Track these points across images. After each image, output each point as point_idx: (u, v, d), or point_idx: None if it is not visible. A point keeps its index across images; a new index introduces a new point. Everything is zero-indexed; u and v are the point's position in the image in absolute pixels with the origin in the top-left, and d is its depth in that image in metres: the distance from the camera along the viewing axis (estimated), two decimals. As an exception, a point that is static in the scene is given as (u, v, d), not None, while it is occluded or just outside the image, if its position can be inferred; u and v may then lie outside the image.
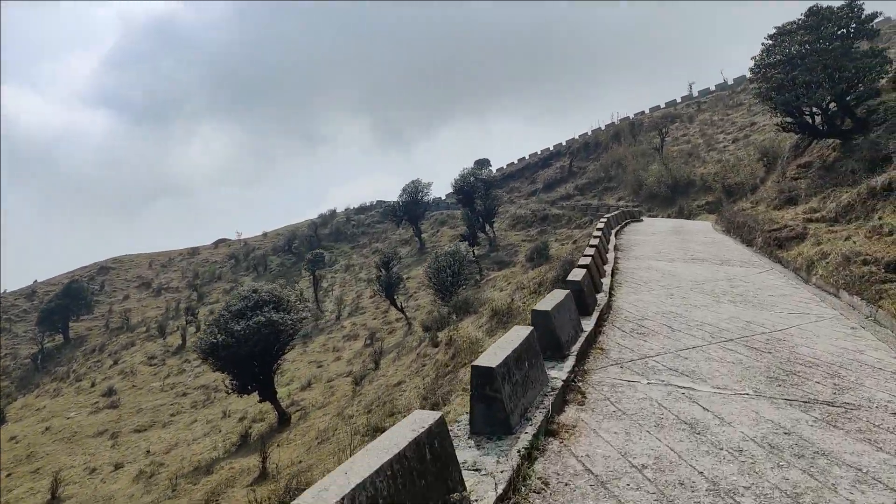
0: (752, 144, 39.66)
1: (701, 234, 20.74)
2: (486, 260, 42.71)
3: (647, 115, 56.68)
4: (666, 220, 32.55)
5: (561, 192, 56.31)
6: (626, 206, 45.95)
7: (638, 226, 25.32)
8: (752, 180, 31.08)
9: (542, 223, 45.81)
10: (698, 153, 43.91)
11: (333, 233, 75.12)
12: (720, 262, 14.29)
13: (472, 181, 43.84)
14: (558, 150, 65.08)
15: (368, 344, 34.84)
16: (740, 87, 51.88)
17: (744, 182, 33.08)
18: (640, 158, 48.38)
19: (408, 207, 54.08)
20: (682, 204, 38.96)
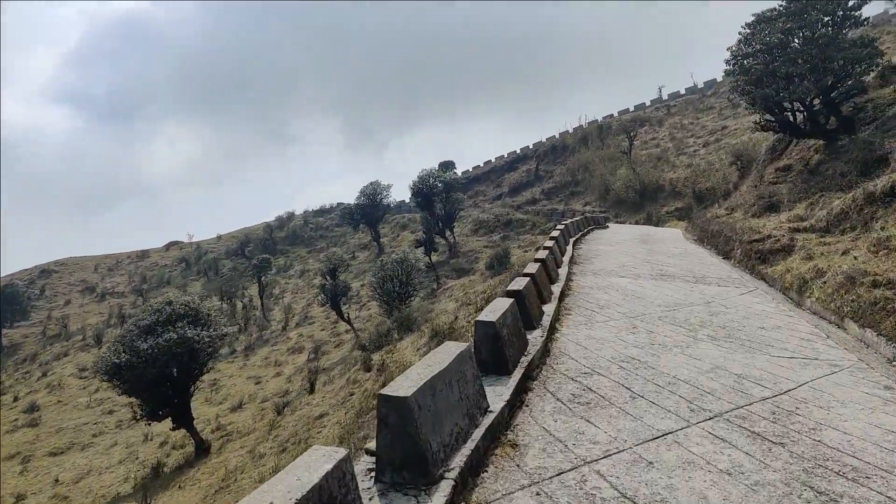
0: (723, 148, 37.88)
1: (671, 243, 18.42)
2: (444, 267, 40.10)
3: (616, 119, 54.88)
4: (633, 227, 30.37)
5: (527, 196, 54.13)
6: (593, 211, 43.85)
7: (602, 233, 22.95)
8: (725, 185, 29.10)
9: (505, 228, 43.39)
10: (668, 157, 42.04)
11: (290, 236, 71.68)
12: (694, 280, 11.85)
13: (432, 183, 41.21)
14: (525, 154, 62.96)
15: (312, 358, 31.93)
16: (710, 91, 50.37)
17: (715, 187, 31.15)
18: (608, 162, 46.44)
19: (365, 210, 51.22)
20: (651, 210, 36.93)
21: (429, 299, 34.48)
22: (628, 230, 26.04)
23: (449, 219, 41.32)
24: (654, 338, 7.46)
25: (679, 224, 32.87)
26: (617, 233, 23.52)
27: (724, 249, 15.33)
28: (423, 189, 40.88)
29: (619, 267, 13.40)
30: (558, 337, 7.28)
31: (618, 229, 26.88)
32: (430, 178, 41.09)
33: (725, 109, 45.20)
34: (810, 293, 10.23)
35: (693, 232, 21.37)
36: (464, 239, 44.06)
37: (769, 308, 9.56)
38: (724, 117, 43.89)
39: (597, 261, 14.20)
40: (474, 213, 48.90)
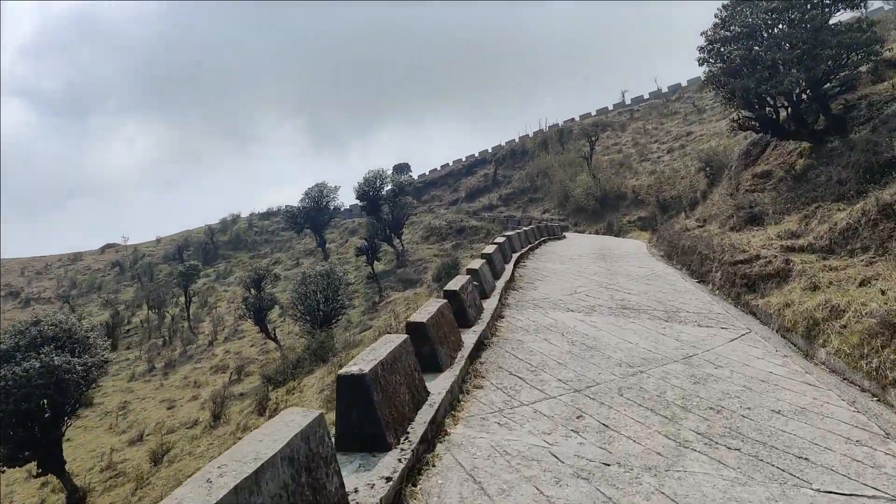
0: (688, 155, 35.60)
1: (634, 259, 15.54)
2: (390, 277, 36.75)
3: (577, 123, 52.52)
4: (593, 238, 27.61)
5: (484, 202, 51.27)
6: (552, 219, 41.16)
7: (556, 246, 20.02)
8: (692, 194, 26.56)
9: (458, 236, 40.34)
10: (630, 164, 39.63)
11: (233, 240, 67.20)
12: (666, 316, 8.84)
13: (378, 185, 37.85)
14: (484, 157, 60.17)
15: (235, 380, 28.17)
16: (675, 96, 48.39)
17: (681, 196, 28.62)
18: (568, 168, 43.88)
19: (310, 214, 47.49)
20: (612, 219, 34.35)
21: (368, 314, 31.08)
22: (587, 242, 23.20)
23: (397, 225, 38.03)
24: (611, 443, 4.33)
25: (642, 235, 30.31)
26: (573, 245, 20.62)
27: (700, 271, 12.45)
28: (369, 192, 37.50)
29: (570, 294, 10.32)
30: (449, 446, 4.08)
31: (575, 240, 24.07)
32: (376, 179, 37.72)
33: (691, 114, 43.14)
34: (825, 340, 7.29)
35: (660, 246, 18.59)
36: (413, 246, 40.82)
37: (776, 368, 6.56)
38: (690, 122, 41.79)
39: (542, 285, 11.11)
40: (427, 219, 45.72)
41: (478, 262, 9.44)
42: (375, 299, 32.52)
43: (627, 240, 28.09)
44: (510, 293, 9.97)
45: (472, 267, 9.06)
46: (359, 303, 34.82)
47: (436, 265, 34.96)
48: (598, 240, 25.73)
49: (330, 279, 21.30)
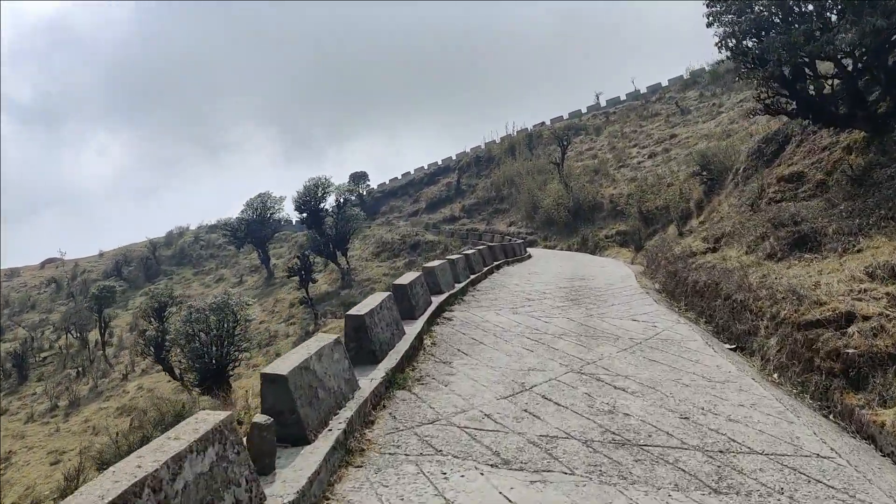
0: (673, 159, 31.19)
1: (622, 299, 10.63)
2: (333, 300, 31.53)
3: (548, 127, 48.09)
4: (563, 258, 22.78)
5: (445, 213, 46.41)
6: (519, 232, 36.39)
7: (514, 272, 15.11)
8: (684, 204, 21.97)
9: (412, 252, 35.29)
10: (607, 170, 35.12)
11: (177, 255, 61.21)
12: (715, 480, 3.86)
13: (320, 195, 32.67)
14: (448, 165, 55.37)
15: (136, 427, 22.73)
16: (655, 97, 44.21)
17: (669, 205, 24.06)
18: (537, 176, 39.25)
19: (251, 227, 42.02)
20: (587, 233, 29.68)
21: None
22: (556, 264, 18.34)
23: (342, 240, 32.85)
24: None
25: (623, 252, 25.65)
26: (537, 270, 15.72)
27: (733, 329, 7.59)
28: (310, 202, 32.28)
29: (510, 398, 5.31)
30: None
31: (541, 262, 19.23)
32: (317, 188, 32.53)
33: (674, 116, 38.88)
34: None
35: (653, 274, 13.76)
36: (362, 264, 35.66)
37: None
38: (673, 125, 37.51)
39: (462, 372, 6.07)
40: (380, 233, 40.58)
41: (318, 343, 4.44)
42: (310, 327, 27.30)
43: (606, 260, 23.34)
44: (388, 402, 4.93)
45: (301, 357, 4.07)
46: (294, 331, 29.58)
47: (384, 286, 29.78)
48: (569, 261, 20.93)
49: (223, 312, 16.08)
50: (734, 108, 34.58)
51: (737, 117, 32.21)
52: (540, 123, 50.06)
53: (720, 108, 36.06)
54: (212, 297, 16.79)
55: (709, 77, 41.85)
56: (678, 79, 44.94)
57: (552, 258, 21.55)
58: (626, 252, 25.21)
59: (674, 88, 44.01)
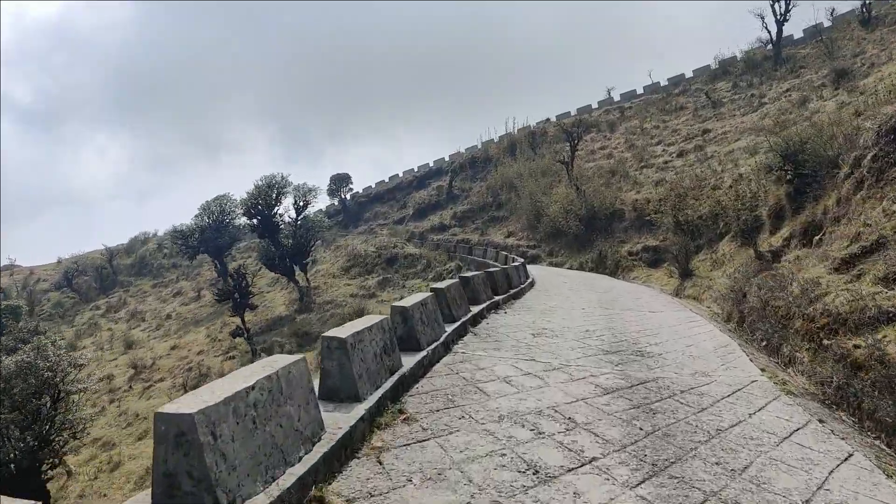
0: (711, 157, 24.97)
1: (790, 456, 4.42)
2: (284, 326, 25.26)
3: (553, 124, 41.93)
4: (580, 285, 16.42)
5: (434, 221, 40.20)
6: (518, 245, 30.14)
7: (506, 325, 8.80)
8: (747, 211, 15.77)
9: (387, 267, 29.07)
10: (626, 171, 28.93)
11: (137, 264, 54.98)
12: None
13: (275, 197, 26.42)
14: (440, 167, 49.26)
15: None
16: (678, 89, 38.14)
17: (718, 214, 17.95)
18: (541, 178, 33.08)
19: (206, 235, 35.79)
20: (605, 248, 23.47)
21: None
22: (574, 304, 12.00)
23: (299, 252, 26.59)
24: None
25: (656, 276, 19.40)
26: (546, 325, 9.41)
27: None
28: (260, 206, 26.04)
29: None
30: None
31: (550, 296, 12.93)
32: (271, 189, 26.27)
33: (703, 109, 32.75)
34: None
35: (775, 346, 7.42)
36: (328, 281, 29.40)
37: None
38: (703, 119, 31.38)
39: None
40: (354, 243, 34.26)
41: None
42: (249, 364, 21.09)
43: (639, 288, 17.07)
44: None
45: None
46: (230, 367, 23.33)
47: (348, 310, 23.55)
48: (589, 290, 14.62)
49: (37, 377, 9.87)
50: (781, 98, 28.46)
51: (790, 107, 26.05)
52: (544, 120, 43.95)
53: (762, 98, 29.89)
54: (18, 355, 10.46)
55: (743, 66, 35.87)
56: (704, 69, 38.88)
57: (564, 288, 15.23)
58: (662, 276, 18.95)
59: (700, 80, 37.95)
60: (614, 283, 18.38)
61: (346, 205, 52.11)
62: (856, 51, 28.76)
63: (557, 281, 17.26)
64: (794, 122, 24.34)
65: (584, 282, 17.67)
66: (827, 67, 28.32)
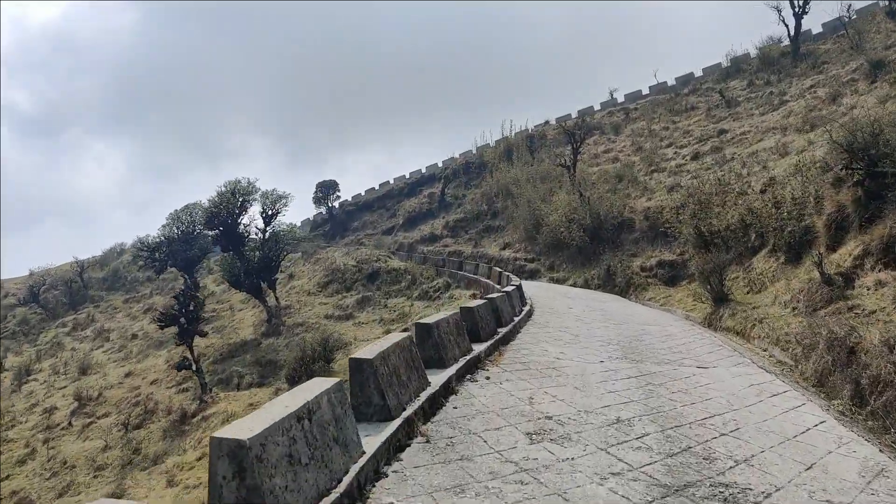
0: (732, 159, 22.05)
1: None
2: (248, 353, 22.21)
3: (553, 126, 39.10)
4: (591, 314, 13.36)
5: (425, 231, 37.26)
6: (515, 258, 27.18)
7: (496, 401, 5.76)
8: (791, 222, 12.90)
9: (369, 283, 26.05)
10: (635, 176, 26.04)
11: (110, 277, 51.87)
12: None
13: (239, 205, 23.44)
14: (433, 174, 46.38)
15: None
16: (687, 89, 35.36)
17: (752, 223, 15.09)
18: (540, 185, 30.22)
19: (174, 247, 32.78)
20: (614, 263, 20.48)
21: (146, 463, 16.27)
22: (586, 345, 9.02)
23: (267, 268, 23.58)
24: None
25: (676, 297, 16.40)
26: (550, 373, 6.40)
27: None
28: (223, 215, 23.08)
29: None
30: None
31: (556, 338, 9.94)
32: (234, 195, 23.30)
33: (717, 109, 29.93)
34: None
35: None
36: (302, 299, 26.35)
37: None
38: (717, 119, 28.55)
39: None
40: (334, 256, 31.23)
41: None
42: (194, 406, 17.95)
43: (664, 316, 14.11)
44: None
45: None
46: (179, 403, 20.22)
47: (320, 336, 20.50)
48: (607, 323, 11.63)
49: None
50: (805, 95, 25.63)
51: (818, 103, 23.22)
52: (543, 123, 41.09)
53: (783, 96, 27.06)
54: None
55: (758, 63, 33.09)
56: (715, 67, 36.12)
57: (570, 317, 12.24)
58: (684, 297, 15.94)
59: (711, 78, 35.17)
60: (629, 307, 15.38)
61: (333, 213, 49.18)
62: (887, 43, 25.96)
63: (561, 306, 14.24)
64: (826, 119, 21.51)
65: (594, 306, 14.65)
66: (856, 61, 25.54)
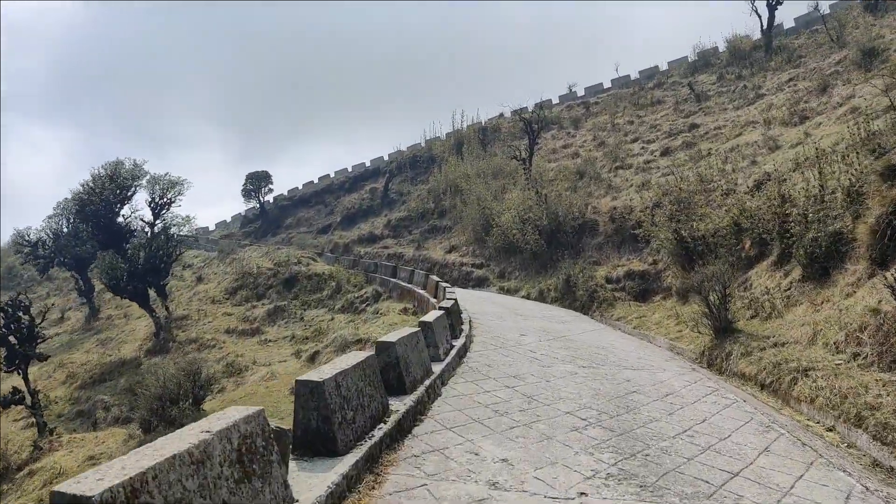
0: (709, 155, 19.05)
1: None
2: (123, 378, 17.87)
3: (508, 119, 35.80)
4: (551, 339, 9.80)
5: (364, 230, 33.35)
6: (462, 263, 23.66)
7: None
8: (820, 221, 9.66)
9: (284, 291, 21.98)
10: (598, 172, 22.88)
11: (5, 275, 45.83)
12: None
13: (118, 192, 19.02)
14: (378, 167, 42.44)
15: None
16: (651, 83, 32.58)
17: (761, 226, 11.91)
18: (492, 181, 26.87)
19: (62, 243, 27.75)
20: (574, 273, 17.07)
21: None
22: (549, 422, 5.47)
23: (154, 271, 19.23)
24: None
25: (653, 320, 13.05)
26: None
27: None
28: (95, 203, 18.62)
29: None
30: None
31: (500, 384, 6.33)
32: (111, 182, 18.84)
33: (686, 103, 27.14)
34: None
35: None
36: (205, 308, 22.05)
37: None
38: (687, 114, 25.77)
39: None
40: (253, 256, 26.92)
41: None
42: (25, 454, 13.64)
43: (643, 348, 10.63)
44: None
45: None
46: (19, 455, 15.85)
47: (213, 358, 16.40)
48: (568, 351, 8.11)
49: None
50: (784, 89, 23.06)
51: (805, 95, 20.57)
52: (497, 115, 37.73)
53: (758, 90, 24.44)
54: None
55: (727, 56, 30.62)
56: (682, 60, 33.56)
57: (521, 353, 8.65)
58: (664, 318, 12.61)
59: (677, 73, 32.54)
60: (597, 332, 11.92)
61: (265, 209, 44.65)
62: (870, 35, 23.62)
63: (511, 331, 10.65)
64: (817, 111, 18.76)
65: (553, 331, 11.10)
66: (838, 53, 23.16)
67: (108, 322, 26.73)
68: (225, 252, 30.21)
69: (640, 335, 12.10)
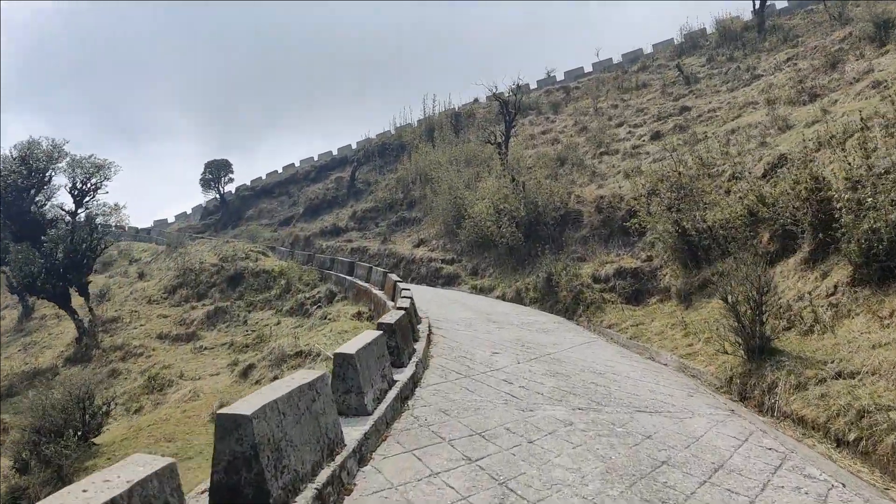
0: (706, 138, 17.00)
1: None
2: (34, 388, 15.24)
3: (483, 105, 33.54)
4: (533, 359, 7.54)
5: (328, 221, 30.93)
6: (430, 258, 21.41)
7: None
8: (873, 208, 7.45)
9: (229, 290, 19.46)
10: (581, 159, 20.79)
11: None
12: None
13: (33, 178, 16.34)
14: (344, 157, 39.92)
15: None
16: (636, 66, 30.59)
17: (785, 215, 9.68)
18: (465, 168, 24.61)
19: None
20: (555, 270, 14.85)
21: None
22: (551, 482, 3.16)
23: (77, 266, 16.58)
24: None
25: (652, 329, 10.82)
26: None
27: None
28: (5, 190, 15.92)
29: None
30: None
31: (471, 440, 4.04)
32: (24, 163, 16.15)
33: (674, 85, 25.18)
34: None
35: None
36: (140, 308, 19.42)
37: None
38: (676, 97, 23.80)
39: None
40: (200, 250, 24.25)
41: None
42: None
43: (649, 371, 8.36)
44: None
45: None
46: None
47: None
48: (557, 379, 5.86)
49: None
50: (783, 68, 21.22)
51: (812, 73, 18.68)
52: (472, 101, 35.41)
53: (754, 70, 22.57)
54: None
55: (717, 38, 28.77)
56: (667, 43, 31.65)
57: (494, 383, 6.35)
58: (667, 328, 10.43)
59: (663, 55, 30.62)
60: (590, 346, 9.70)
61: (227, 200, 41.82)
62: (875, 11, 21.87)
63: (481, 345, 8.39)
64: (830, 87, 16.81)
65: (535, 345, 8.85)
66: (842, 31, 21.37)
67: (40, 323, 23.92)
68: (173, 245, 27.44)
69: (638, 348, 9.92)
